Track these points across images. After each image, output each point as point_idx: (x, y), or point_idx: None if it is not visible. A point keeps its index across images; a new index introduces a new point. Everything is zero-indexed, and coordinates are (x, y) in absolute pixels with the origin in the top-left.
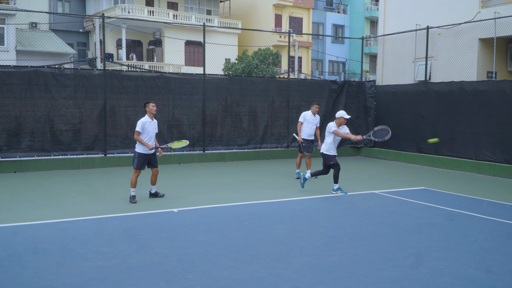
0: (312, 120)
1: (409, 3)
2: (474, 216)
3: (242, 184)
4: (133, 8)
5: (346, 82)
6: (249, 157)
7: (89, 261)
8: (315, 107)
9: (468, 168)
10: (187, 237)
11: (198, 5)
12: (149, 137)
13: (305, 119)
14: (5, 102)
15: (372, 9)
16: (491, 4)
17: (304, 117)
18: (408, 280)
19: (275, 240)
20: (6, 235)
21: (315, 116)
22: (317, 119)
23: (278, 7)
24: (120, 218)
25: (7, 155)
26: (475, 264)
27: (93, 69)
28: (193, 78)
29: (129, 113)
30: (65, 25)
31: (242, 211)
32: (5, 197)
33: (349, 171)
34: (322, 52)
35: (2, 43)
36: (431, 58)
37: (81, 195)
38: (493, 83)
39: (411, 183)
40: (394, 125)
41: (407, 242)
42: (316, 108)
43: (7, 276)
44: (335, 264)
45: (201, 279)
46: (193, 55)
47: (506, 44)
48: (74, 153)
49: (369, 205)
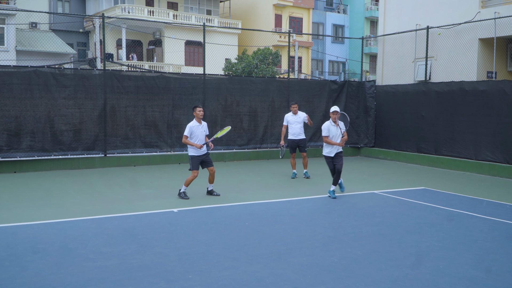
0: (295, 120)
1: (409, 3)
2: (474, 216)
3: (242, 184)
4: (133, 8)
5: (346, 82)
6: (249, 157)
7: (89, 261)
8: (294, 107)
9: (468, 168)
10: (187, 237)
11: (198, 5)
12: (198, 140)
13: (287, 121)
14: (5, 102)
15: (372, 9)
16: (491, 4)
17: (287, 119)
18: (408, 280)
19: (275, 240)
20: (6, 235)
21: (298, 114)
22: (300, 117)
23: (278, 7)
24: (120, 218)
25: (7, 155)
26: (475, 264)
27: (93, 69)
28: (193, 78)
29: (129, 113)
30: (65, 25)
31: (242, 211)
32: (5, 197)
33: (349, 171)
34: (322, 52)
35: (2, 43)
36: (431, 58)
37: (81, 195)
38: (493, 83)
39: (411, 183)
40: (394, 125)
41: (407, 242)
42: (294, 107)
43: (7, 276)
44: (335, 264)
45: (201, 279)
46: (193, 55)
47: (506, 44)
48: (75, 153)
49: (369, 205)
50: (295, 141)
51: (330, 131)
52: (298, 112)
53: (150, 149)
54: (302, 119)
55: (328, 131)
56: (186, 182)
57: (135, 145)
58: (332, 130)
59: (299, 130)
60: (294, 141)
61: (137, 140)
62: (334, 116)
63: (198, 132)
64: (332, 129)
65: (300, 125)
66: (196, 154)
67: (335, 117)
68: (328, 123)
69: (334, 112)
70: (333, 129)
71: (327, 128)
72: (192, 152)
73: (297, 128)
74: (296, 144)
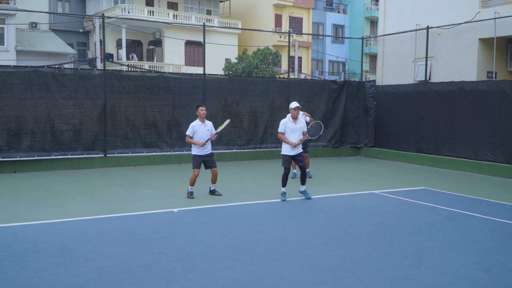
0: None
1: (409, 3)
2: (474, 216)
3: (242, 184)
4: (133, 8)
5: (346, 82)
6: (249, 157)
7: (89, 261)
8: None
9: (468, 168)
10: (187, 237)
11: (198, 5)
12: (201, 140)
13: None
14: (5, 102)
15: (372, 9)
16: (491, 4)
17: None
18: (408, 280)
19: (275, 240)
20: (6, 235)
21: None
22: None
23: (278, 7)
24: (120, 218)
25: (7, 155)
26: (475, 264)
27: (93, 69)
28: (193, 78)
29: (129, 113)
30: (65, 25)
31: (242, 211)
32: (5, 197)
33: (349, 171)
34: (322, 52)
35: (2, 43)
36: (431, 58)
37: (81, 195)
38: (493, 83)
39: (411, 183)
40: (394, 125)
41: (407, 242)
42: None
43: (7, 276)
44: (335, 264)
45: (201, 279)
46: (193, 55)
47: (506, 44)
48: (75, 153)
49: (369, 205)
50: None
51: (287, 127)
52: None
53: (150, 149)
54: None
55: (285, 127)
56: (190, 182)
57: (135, 145)
58: (290, 126)
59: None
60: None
61: (137, 140)
62: (295, 112)
63: (201, 131)
64: (289, 125)
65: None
66: (198, 153)
67: (296, 114)
68: (286, 119)
69: (295, 108)
70: (291, 126)
71: (284, 124)
72: (195, 151)
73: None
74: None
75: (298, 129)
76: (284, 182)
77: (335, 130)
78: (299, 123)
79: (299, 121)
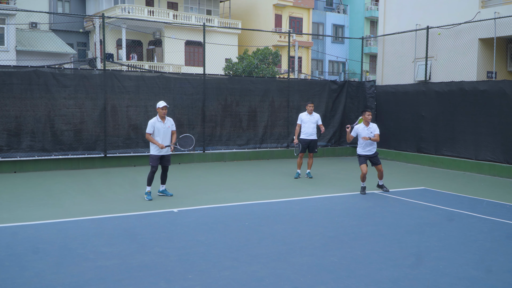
0: (309, 119)
1: (409, 3)
2: (474, 216)
3: (242, 184)
4: (133, 8)
5: (346, 82)
6: (249, 157)
7: (89, 261)
8: (310, 106)
9: (468, 168)
10: (187, 237)
11: (198, 5)
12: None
13: (302, 120)
14: (5, 102)
15: (372, 9)
16: (491, 4)
17: (301, 118)
18: (408, 280)
19: (275, 240)
20: (6, 235)
21: (312, 114)
22: (315, 117)
23: (278, 7)
24: (120, 218)
25: (7, 155)
26: (475, 264)
27: (93, 69)
28: (193, 78)
29: (130, 113)
30: (65, 25)
31: (242, 211)
32: (5, 197)
33: (349, 171)
34: (322, 52)
35: (2, 43)
36: (431, 58)
37: (81, 195)
38: (493, 83)
39: (411, 183)
40: (394, 125)
41: (407, 242)
42: (310, 106)
43: (7, 276)
44: (335, 264)
45: (201, 279)
46: (193, 55)
47: (506, 44)
48: (75, 153)
49: (369, 205)
50: (307, 141)
51: (155, 128)
52: (313, 112)
53: None
54: (316, 120)
55: (153, 128)
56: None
57: (136, 145)
58: (158, 127)
59: (312, 130)
60: (305, 141)
61: (137, 140)
62: (162, 112)
63: (160, 127)
64: (158, 125)
65: (314, 126)
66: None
67: (164, 113)
68: (154, 119)
69: (163, 107)
70: (159, 126)
71: (152, 125)
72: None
73: (311, 128)
74: (307, 144)
75: (167, 129)
76: (150, 181)
77: (335, 130)
78: (168, 122)
79: (168, 121)
